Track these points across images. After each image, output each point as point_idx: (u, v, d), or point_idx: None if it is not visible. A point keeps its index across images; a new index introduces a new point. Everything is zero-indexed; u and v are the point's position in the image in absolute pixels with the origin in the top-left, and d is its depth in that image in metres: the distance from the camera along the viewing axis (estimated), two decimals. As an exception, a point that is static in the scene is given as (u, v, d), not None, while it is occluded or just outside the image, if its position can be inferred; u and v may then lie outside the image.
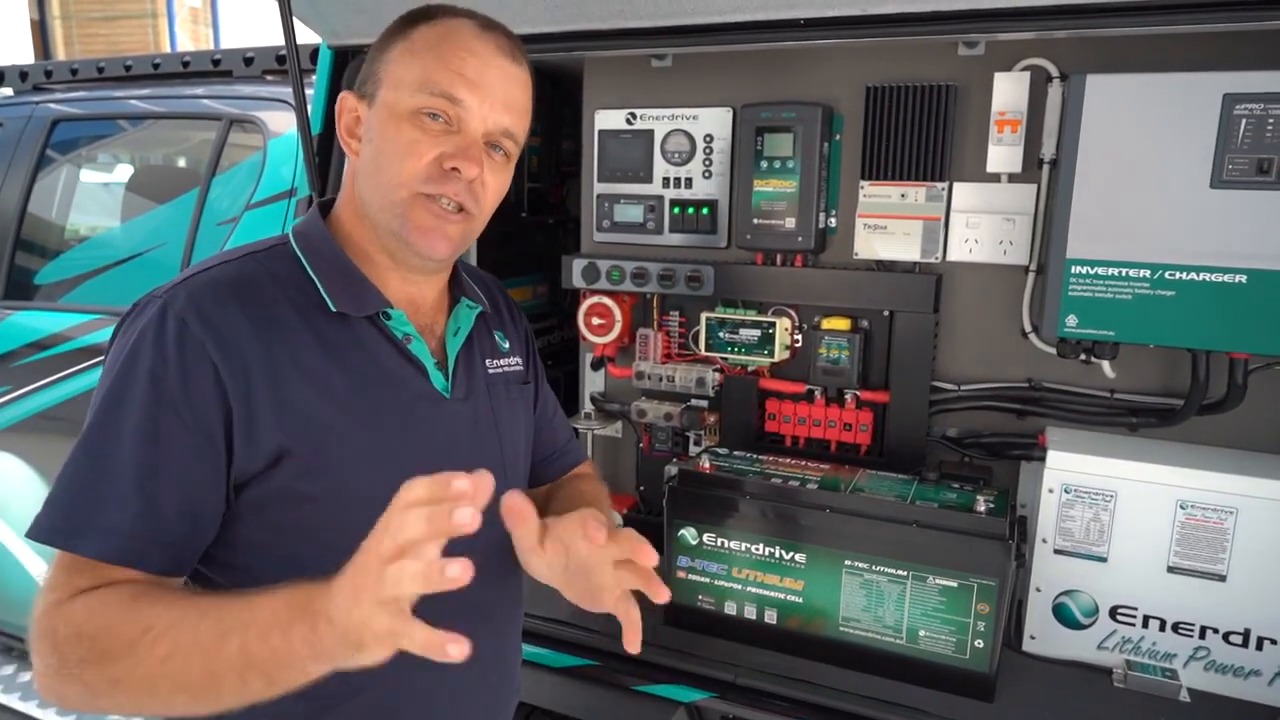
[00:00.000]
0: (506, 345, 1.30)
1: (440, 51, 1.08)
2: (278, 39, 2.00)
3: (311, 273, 1.09)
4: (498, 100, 1.10)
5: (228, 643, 0.83)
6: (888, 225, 1.75)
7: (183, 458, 0.96)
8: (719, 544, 1.62)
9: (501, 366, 1.26)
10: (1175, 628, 1.53)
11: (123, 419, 0.95)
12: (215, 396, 0.97)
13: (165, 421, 0.95)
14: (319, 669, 0.81)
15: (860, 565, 1.53)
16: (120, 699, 0.89)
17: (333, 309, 1.07)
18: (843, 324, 1.81)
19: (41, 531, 0.96)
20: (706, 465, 1.65)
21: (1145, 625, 1.55)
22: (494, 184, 1.13)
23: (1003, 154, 1.66)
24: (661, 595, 0.98)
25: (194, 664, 0.84)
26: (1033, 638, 1.62)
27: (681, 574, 1.66)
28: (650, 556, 0.98)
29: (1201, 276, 1.43)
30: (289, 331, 1.03)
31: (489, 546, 1.00)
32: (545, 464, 1.39)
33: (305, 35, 1.91)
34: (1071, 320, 1.52)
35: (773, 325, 1.83)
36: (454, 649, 0.73)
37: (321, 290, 1.07)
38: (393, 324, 1.11)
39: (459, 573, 0.73)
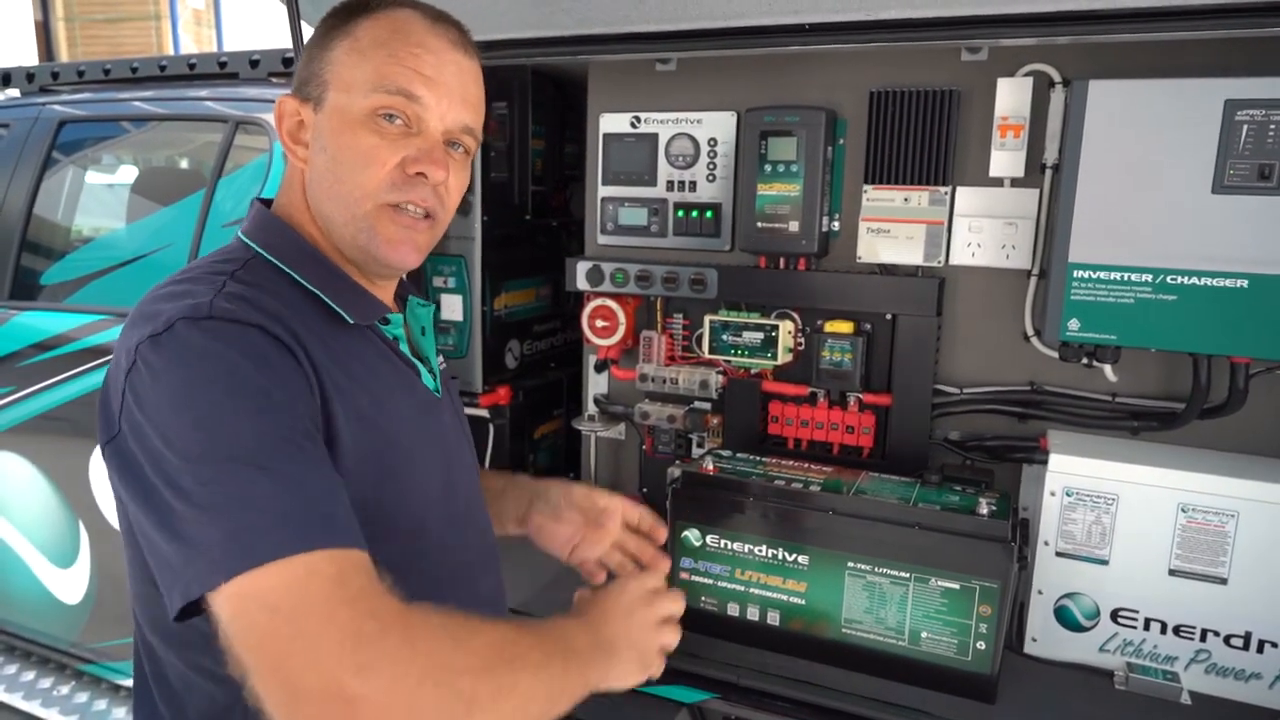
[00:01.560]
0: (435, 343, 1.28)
1: (392, 47, 1.01)
2: (282, 41, 2.01)
3: (309, 285, 1.03)
4: (455, 96, 1.04)
5: (570, 664, 0.96)
6: (891, 229, 1.76)
7: (319, 447, 0.90)
8: (722, 546, 1.63)
9: (442, 364, 1.25)
10: (1176, 630, 1.53)
11: (253, 432, 0.85)
12: (306, 393, 0.92)
13: (290, 422, 0.88)
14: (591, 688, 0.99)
15: (863, 567, 1.53)
16: (500, 714, 0.84)
17: (350, 321, 1.04)
18: (845, 327, 1.82)
19: (258, 551, 0.78)
20: (710, 467, 1.66)
21: (1146, 628, 1.55)
22: (456, 184, 1.08)
23: (1005, 159, 1.66)
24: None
25: (552, 682, 0.92)
26: (1034, 640, 1.62)
27: (685, 575, 1.67)
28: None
29: (1203, 281, 1.44)
30: (322, 342, 0.98)
31: (487, 544, 1.17)
32: None
33: (309, 37, 1.92)
34: (1073, 324, 1.53)
35: (776, 328, 1.84)
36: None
37: (330, 302, 1.03)
38: (388, 329, 1.11)
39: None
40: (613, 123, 2.01)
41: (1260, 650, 1.49)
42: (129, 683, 2.71)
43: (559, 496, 1.37)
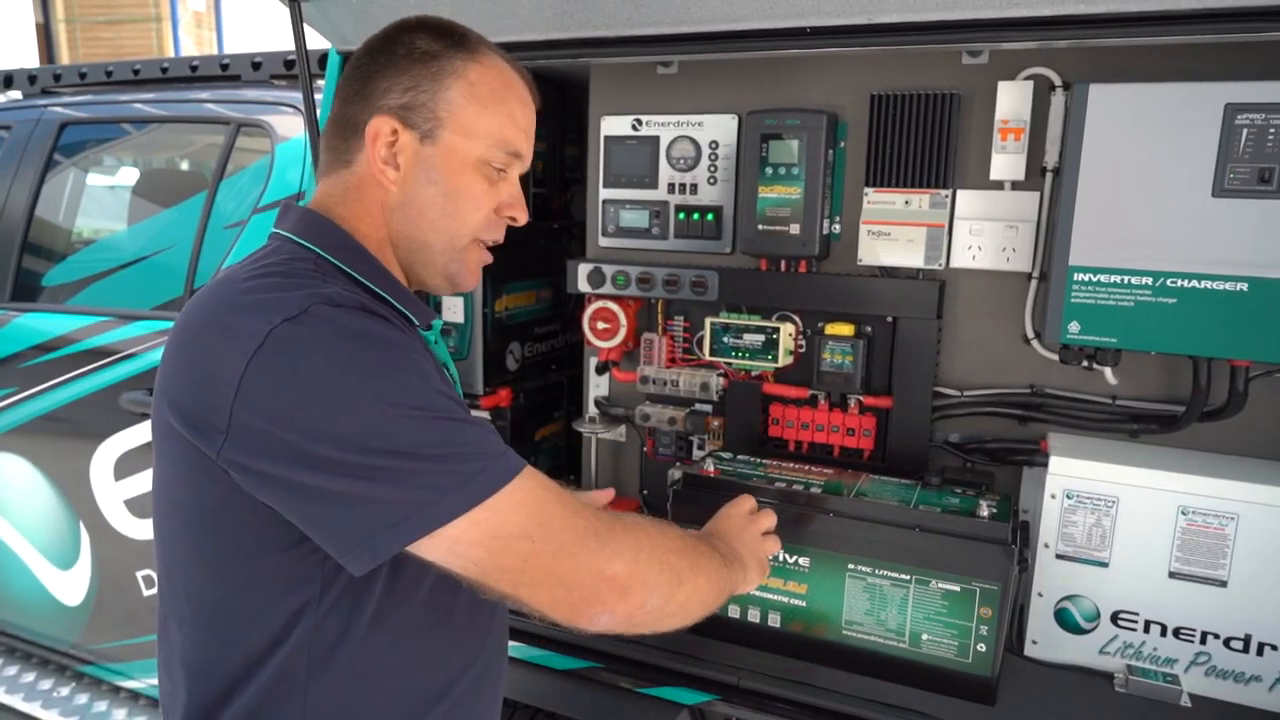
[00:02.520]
0: None
1: (510, 106, 1.13)
2: (283, 44, 2.02)
3: (378, 289, 1.09)
4: (532, 146, 1.19)
5: (725, 568, 1.21)
6: (891, 232, 1.77)
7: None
8: (723, 547, 1.63)
9: None
10: (1176, 633, 1.54)
11: (423, 392, 0.95)
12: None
13: (441, 388, 0.99)
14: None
15: (863, 569, 1.53)
16: (695, 590, 1.12)
17: (416, 324, 1.13)
18: (846, 329, 1.82)
19: (486, 485, 0.94)
20: (710, 469, 1.66)
21: (1146, 630, 1.55)
22: None
23: (1006, 162, 1.67)
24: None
25: (718, 573, 1.17)
26: (1034, 642, 1.62)
27: (685, 577, 1.67)
28: None
29: (1203, 284, 1.45)
30: (411, 341, 1.06)
31: None
32: None
33: (314, 41, 1.93)
34: (1074, 327, 1.53)
35: (776, 330, 1.84)
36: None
37: (397, 304, 1.10)
38: (428, 333, 1.17)
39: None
40: (614, 125, 2.01)
41: (1260, 653, 1.49)
42: (129, 684, 2.72)
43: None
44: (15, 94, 3.20)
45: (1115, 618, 1.57)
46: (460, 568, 0.95)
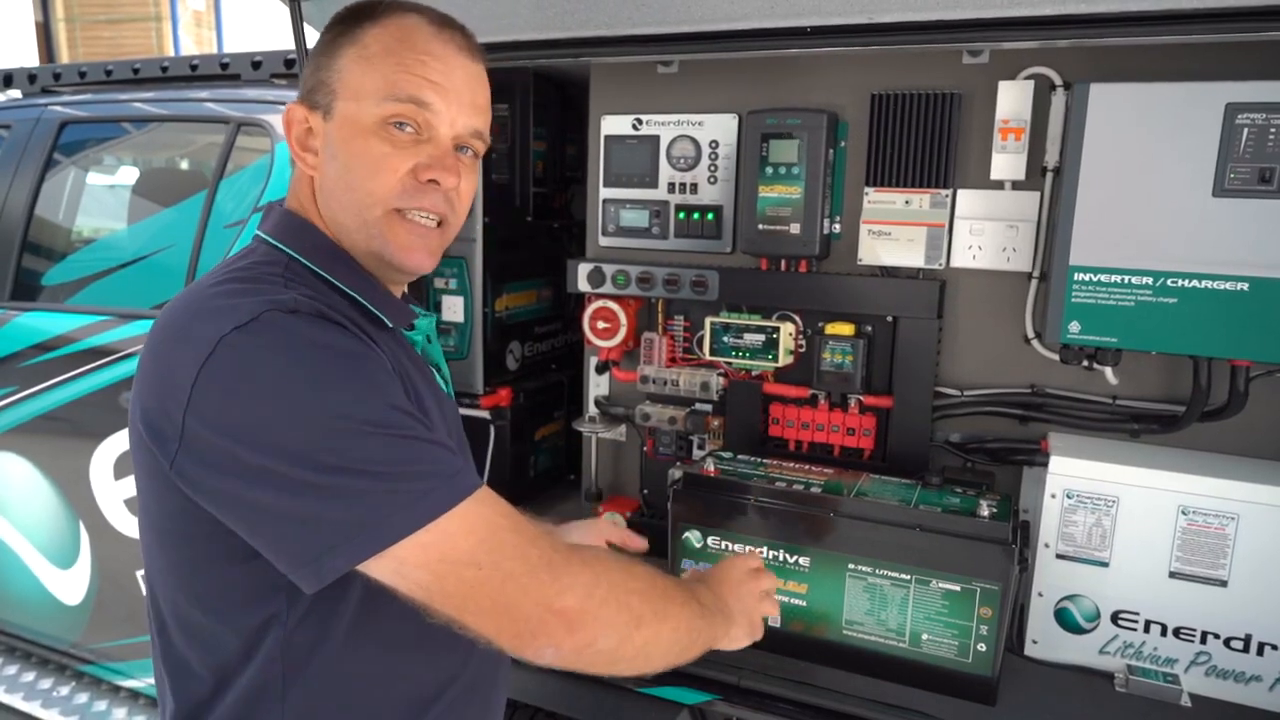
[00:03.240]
0: None
1: (400, 55, 1.02)
2: (282, 42, 2.02)
3: (349, 290, 1.05)
4: (464, 101, 1.06)
5: (703, 618, 1.12)
6: (892, 231, 1.77)
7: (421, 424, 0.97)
8: (723, 547, 1.63)
9: None
10: (1177, 633, 1.54)
11: (374, 407, 0.91)
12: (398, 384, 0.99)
13: (398, 401, 0.95)
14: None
15: (864, 569, 1.53)
16: (658, 636, 1.04)
17: (390, 325, 1.07)
18: (846, 329, 1.82)
19: (431, 507, 0.89)
20: (711, 469, 1.66)
21: (1147, 630, 1.55)
22: (467, 187, 1.10)
23: (1006, 161, 1.67)
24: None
25: (692, 621, 1.09)
26: (1035, 642, 1.62)
27: (685, 576, 1.67)
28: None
29: (1203, 284, 1.45)
30: (378, 343, 1.02)
31: None
32: None
33: (314, 39, 1.92)
34: (1074, 327, 1.53)
35: (777, 330, 1.84)
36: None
37: (369, 305, 1.06)
38: (413, 334, 1.14)
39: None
40: (614, 125, 2.01)
41: (1260, 653, 1.49)
42: (129, 683, 2.72)
43: (578, 537, 1.49)
44: (15, 93, 3.20)
45: (1115, 617, 1.57)
46: (406, 589, 0.91)
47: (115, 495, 2.53)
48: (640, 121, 1.98)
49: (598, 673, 1.05)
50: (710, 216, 1.94)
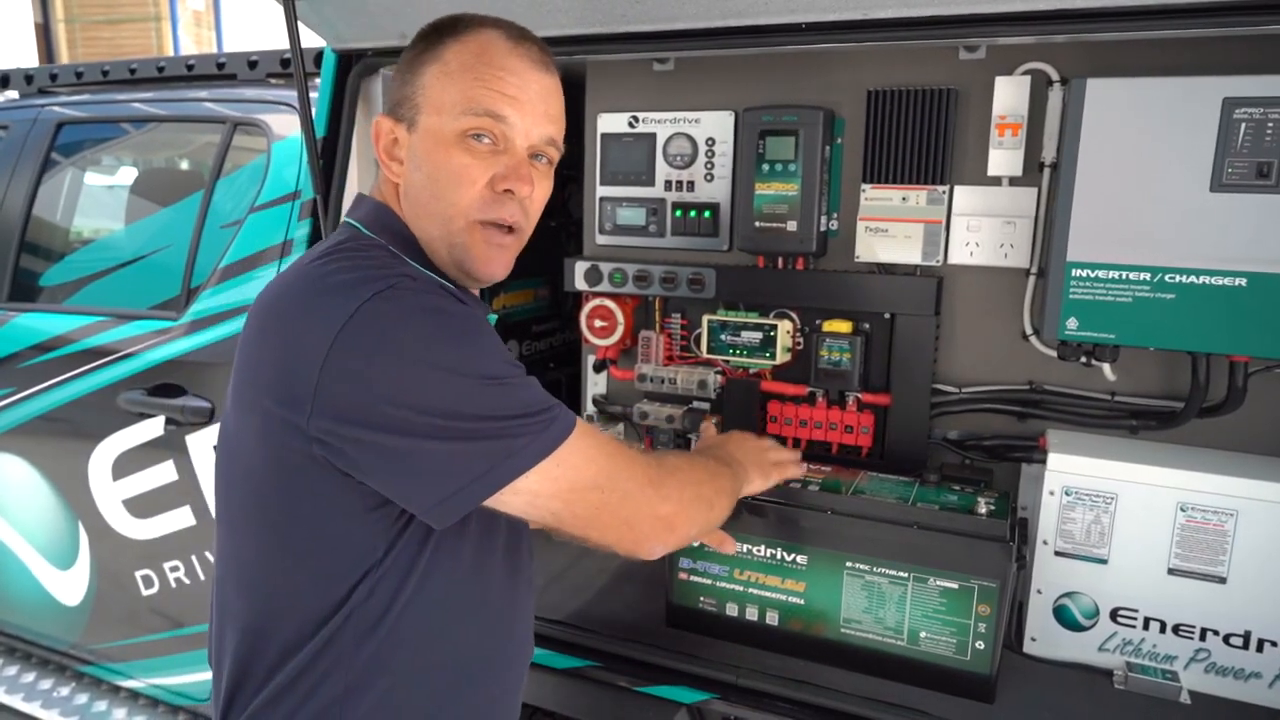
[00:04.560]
0: None
1: (478, 71, 1.09)
2: (281, 42, 2.01)
3: (437, 276, 1.13)
4: (539, 112, 1.13)
5: (733, 475, 1.38)
6: (889, 228, 1.76)
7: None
8: (721, 546, 1.62)
9: None
10: (1176, 630, 1.53)
11: (495, 353, 1.04)
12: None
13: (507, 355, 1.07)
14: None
15: (861, 567, 1.53)
16: (721, 509, 1.32)
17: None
18: (844, 327, 1.82)
19: (555, 435, 1.04)
20: (708, 467, 1.65)
21: (1146, 627, 1.55)
22: (541, 194, 1.17)
23: (1003, 157, 1.66)
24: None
25: (731, 481, 1.37)
26: (1033, 639, 1.62)
27: (683, 575, 1.66)
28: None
29: (1201, 280, 1.44)
30: (481, 314, 1.11)
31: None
32: None
33: (309, 39, 1.92)
34: (1072, 323, 1.53)
35: (774, 328, 1.84)
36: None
37: (459, 296, 1.11)
38: None
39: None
40: (610, 122, 2.01)
41: (1260, 649, 1.49)
42: (129, 684, 2.72)
43: None
44: (12, 94, 3.20)
45: (1114, 615, 1.57)
46: (539, 518, 1.07)
47: (114, 496, 2.53)
48: (636, 119, 1.98)
49: (689, 544, 1.39)
50: (707, 214, 1.94)
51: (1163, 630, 1.54)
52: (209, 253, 2.45)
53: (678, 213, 1.97)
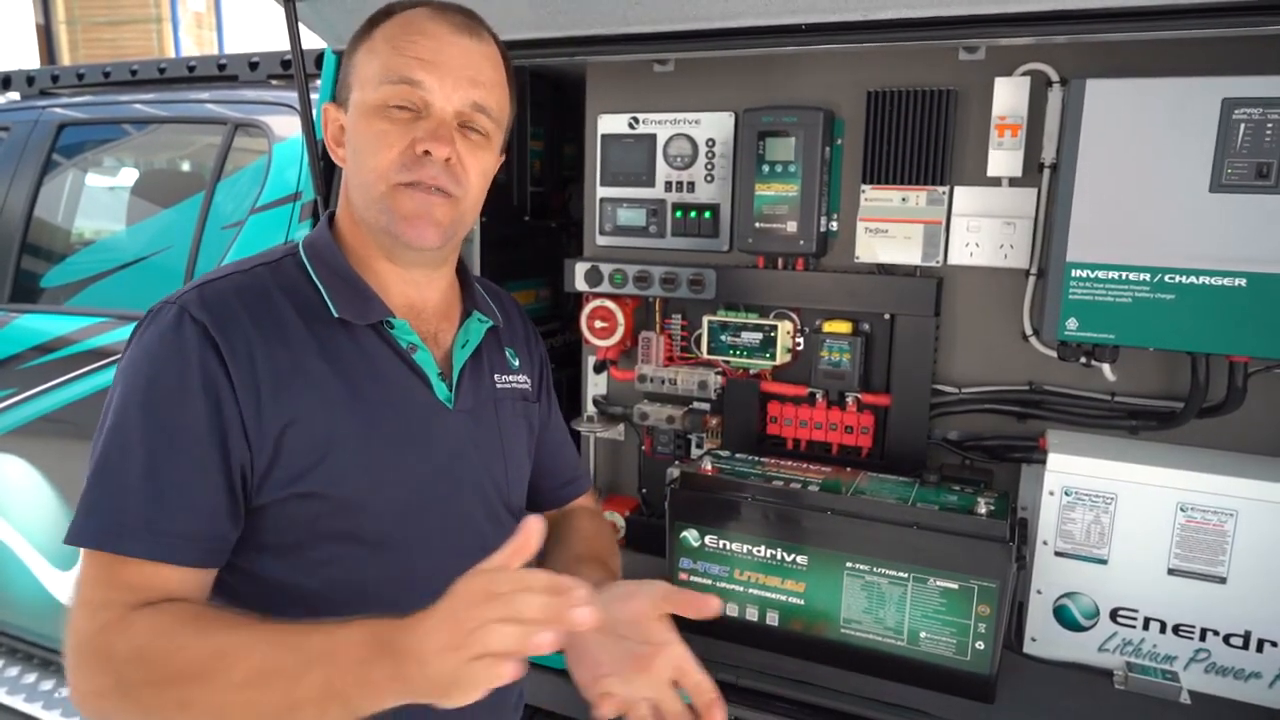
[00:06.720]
0: (516, 363, 1.30)
1: (396, 41, 1.08)
2: (282, 44, 2.01)
3: (317, 280, 1.10)
4: (461, 77, 1.08)
5: (311, 673, 0.83)
6: (889, 229, 1.76)
7: (197, 455, 0.98)
8: (721, 546, 1.63)
9: (509, 382, 1.26)
10: (1176, 630, 1.53)
11: (139, 420, 0.98)
12: (227, 398, 0.99)
13: (179, 421, 0.98)
14: (402, 701, 0.81)
15: (861, 567, 1.53)
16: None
17: (334, 315, 1.08)
18: (844, 327, 1.82)
19: (74, 536, 0.97)
20: (708, 468, 1.66)
21: (1146, 627, 1.55)
22: (475, 164, 1.11)
23: (1003, 158, 1.66)
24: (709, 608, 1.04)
25: (274, 693, 0.84)
26: (1033, 639, 1.62)
27: (684, 576, 1.67)
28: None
29: (1201, 280, 1.44)
30: (294, 339, 1.05)
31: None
32: (551, 490, 1.40)
33: (310, 40, 1.92)
34: (1072, 323, 1.53)
35: (774, 328, 1.84)
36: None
37: (325, 297, 1.09)
38: (396, 333, 1.12)
39: (548, 642, 0.76)
40: (611, 123, 2.01)
41: (1260, 649, 1.49)
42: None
43: (616, 607, 1.08)
44: (13, 95, 3.20)
45: (1114, 615, 1.57)
46: None
47: (115, 497, 2.53)
48: (637, 120, 1.98)
49: None
50: (707, 215, 1.94)
51: (1163, 630, 1.54)
52: (210, 254, 2.45)
53: (678, 213, 1.97)
